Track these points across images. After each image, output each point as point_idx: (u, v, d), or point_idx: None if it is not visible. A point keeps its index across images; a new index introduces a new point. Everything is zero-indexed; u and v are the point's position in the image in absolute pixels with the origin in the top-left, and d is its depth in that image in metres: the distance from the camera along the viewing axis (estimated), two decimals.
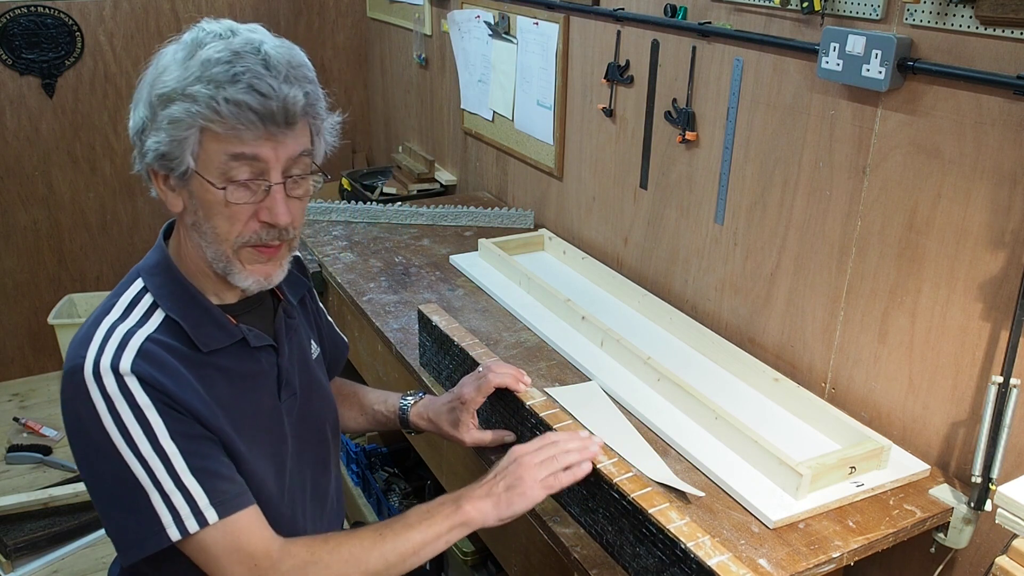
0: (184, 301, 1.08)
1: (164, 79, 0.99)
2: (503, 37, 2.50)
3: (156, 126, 1.00)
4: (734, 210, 1.76)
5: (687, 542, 1.05)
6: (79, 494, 2.59)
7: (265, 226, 1.04)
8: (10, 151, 3.22)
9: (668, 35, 1.86)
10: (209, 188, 1.01)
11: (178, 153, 0.99)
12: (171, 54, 1.02)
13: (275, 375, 1.17)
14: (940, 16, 1.28)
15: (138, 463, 0.99)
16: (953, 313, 1.35)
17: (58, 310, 3.22)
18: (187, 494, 1.00)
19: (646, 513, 1.11)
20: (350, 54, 3.75)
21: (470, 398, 1.33)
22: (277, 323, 1.19)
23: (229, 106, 0.96)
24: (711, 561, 1.02)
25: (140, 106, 1.03)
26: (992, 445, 1.23)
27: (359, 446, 2.65)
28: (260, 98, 0.97)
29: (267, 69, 0.98)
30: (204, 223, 1.04)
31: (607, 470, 1.18)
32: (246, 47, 0.99)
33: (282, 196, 1.03)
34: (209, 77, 0.97)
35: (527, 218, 2.49)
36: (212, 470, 1.03)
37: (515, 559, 1.50)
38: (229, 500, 1.03)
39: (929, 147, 1.35)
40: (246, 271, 1.07)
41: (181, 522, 1.00)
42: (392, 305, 1.96)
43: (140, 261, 1.13)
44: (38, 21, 3.12)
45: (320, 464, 1.29)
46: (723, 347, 1.68)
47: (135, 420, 0.99)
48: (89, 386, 0.99)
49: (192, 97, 0.97)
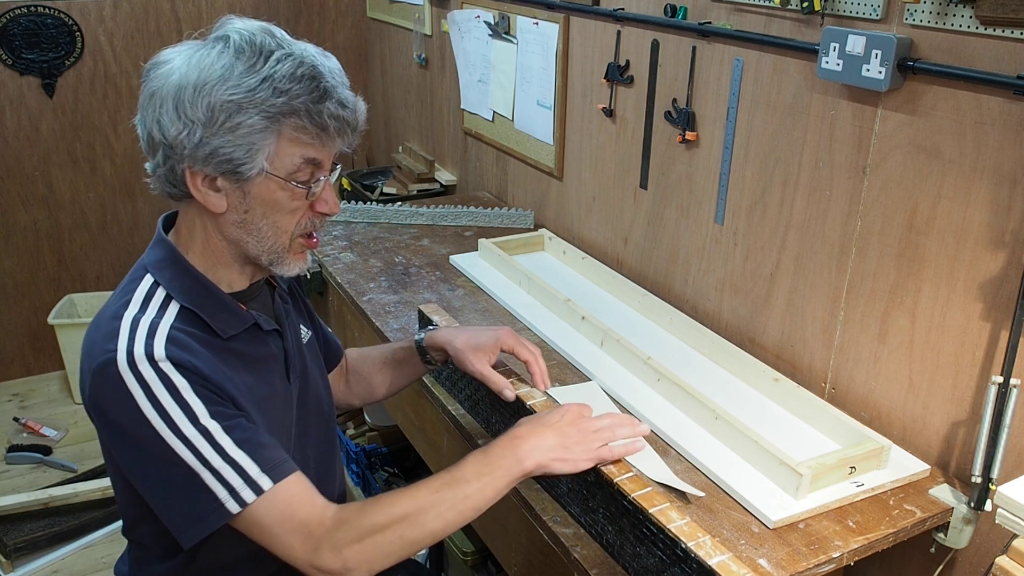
0: (197, 291, 1.10)
1: (228, 86, 1.00)
2: (503, 37, 2.50)
3: (221, 130, 1.01)
4: (734, 210, 1.76)
5: (687, 542, 1.05)
6: (79, 494, 2.59)
7: (318, 215, 1.12)
8: (10, 151, 3.22)
9: (668, 35, 1.86)
10: (281, 187, 1.06)
11: (247, 157, 1.02)
12: (219, 59, 1.01)
13: (283, 358, 1.21)
14: (940, 16, 1.28)
15: (183, 445, 1.00)
16: (953, 313, 1.35)
17: (58, 310, 3.22)
18: (237, 466, 1.01)
19: (647, 513, 1.11)
20: (350, 54, 3.75)
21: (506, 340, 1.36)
22: (277, 308, 1.23)
23: (324, 118, 1.04)
24: (712, 561, 1.02)
25: (181, 109, 1.01)
26: (992, 445, 1.23)
27: (359, 446, 2.65)
28: (346, 111, 1.07)
29: (342, 82, 1.08)
30: (261, 220, 1.08)
31: (607, 470, 1.18)
32: (316, 59, 1.06)
33: (331, 188, 1.12)
34: (295, 91, 1.02)
35: (527, 218, 2.49)
36: (256, 440, 1.04)
37: (515, 559, 1.50)
38: (278, 466, 1.04)
39: (929, 147, 1.35)
40: (294, 260, 1.13)
41: (236, 494, 1.01)
42: (392, 305, 1.96)
43: (143, 256, 1.13)
44: (38, 21, 3.12)
45: (326, 443, 1.33)
46: (723, 347, 1.68)
47: (175, 403, 1.00)
48: (125, 376, 1.00)
49: (276, 107, 1.01)
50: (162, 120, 1.02)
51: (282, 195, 1.07)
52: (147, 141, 1.06)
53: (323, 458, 1.32)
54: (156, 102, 1.03)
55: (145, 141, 1.07)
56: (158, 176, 1.07)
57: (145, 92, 1.05)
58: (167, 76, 1.03)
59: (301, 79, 1.02)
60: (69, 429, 3.15)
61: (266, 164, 1.04)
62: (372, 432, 2.66)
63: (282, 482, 1.03)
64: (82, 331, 3.47)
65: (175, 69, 1.03)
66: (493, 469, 1.08)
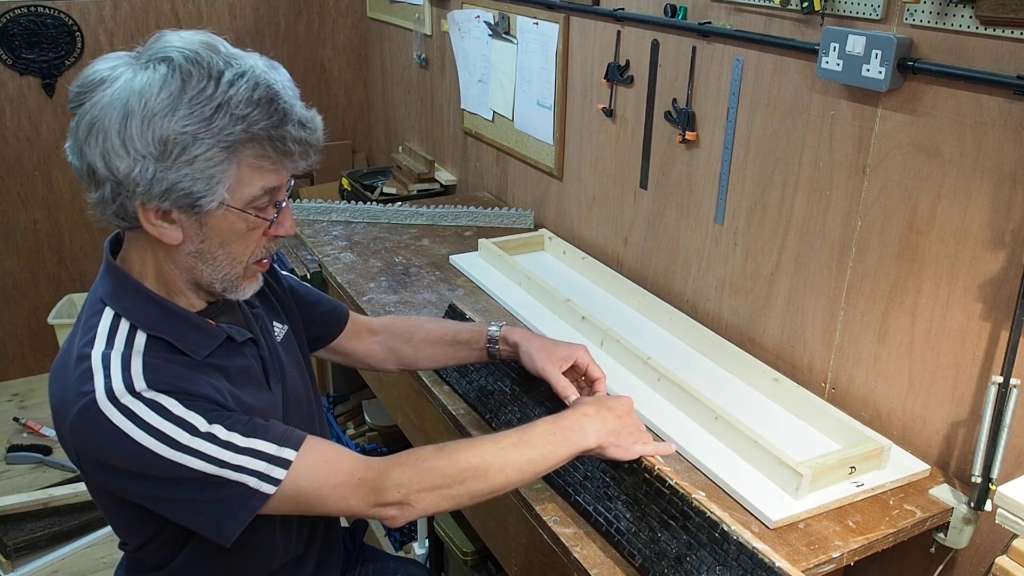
0: (161, 317, 1.05)
1: (179, 115, 0.94)
2: (503, 37, 2.50)
3: (177, 164, 0.95)
4: (734, 210, 1.76)
5: (730, 524, 1.10)
6: (79, 494, 2.59)
7: (273, 240, 1.09)
8: (10, 151, 3.22)
9: (668, 35, 1.86)
10: (240, 218, 1.02)
11: (207, 190, 0.97)
12: (165, 84, 0.94)
13: (260, 366, 1.18)
14: (940, 16, 1.28)
15: (192, 457, 0.98)
16: (953, 313, 1.35)
17: (58, 310, 3.22)
18: (255, 452, 1.00)
19: (687, 498, 1.15)
20: (350, 54, 3.75)
21: (582, 359, 1.37)
22: (246, 316, 1.19)
23: (287, 144, 0.99)
24: (755, 544, 1.07)
25: (129, 143, 0.94)
26: (992, 445, 1.23)
27: (359, 446, 2.65)
28: (307, 131, 1.01)
29: (296, 97, 1.02)
30: (217, 250, 1.04)
31: (648, 459, 1.24)
32: (268, 75, 0.99)
33: (288, 209, 1.09)
34: (255, 117, 0.96)
35: (527, 218, 2.49)
36: (259, 424, 1.03)
37: (515, 559, 1.50)
38: (292, 435, 1.04)
39: (929, 147, 1.35)
40: (247, 284, 1.11)
41: (266, 476, 1.00)
42: (392, 305, 1.96)
43: (96, 287, 1.08)
44: (38, 21, 3.12)
45: None
46: (723, 347, 1.68)
47: (170, 423, 0.98)
48: (109, 414, 0.96)
49: (234, 135, 0.96)
50: (107, 155, 0.95)
51: (240, 225, 1.03)
52: (88, 175, 0.99)
53: None
54: (97, 135, 0.95)
55: (85, 174, 0.99)
56: (103, 209, 1.01)
57: (82, 121, 0.96)
58: (109, 105, 0.94)
59: (259, 103, 0.96)
60: None
61: (226, 196, 0.99)
62: (372, 432, 2.66)
63: (303, 447, 1.03)
64: None
65: (115, 96, 0.94)
66: (560, 439, 1.12)
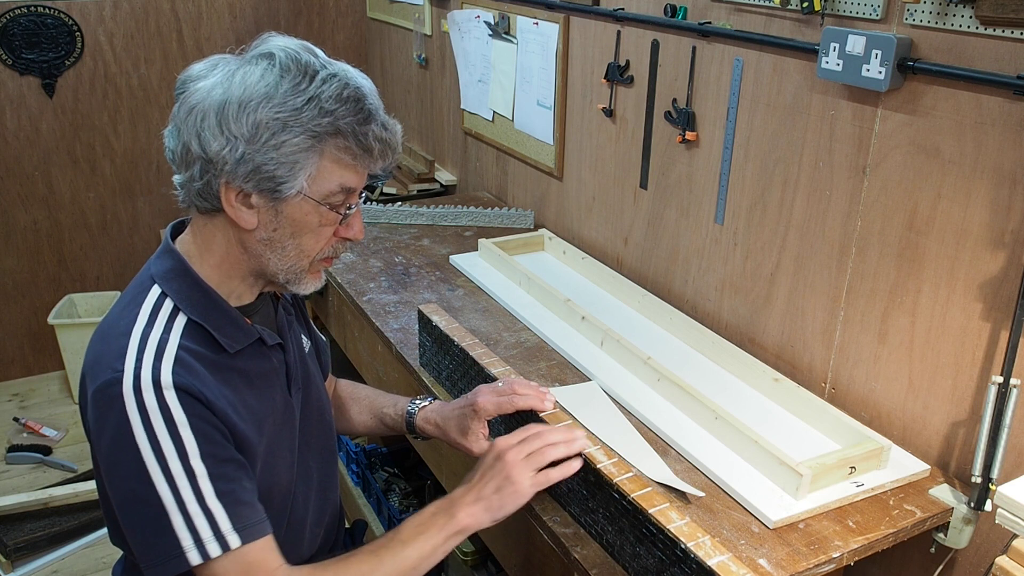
0: (205, 304, 1.09)
1: (273, 104, 1.00)
2: (503, 37, 2.50)
3: (265, 147, 1.01)
4: (734, 210, 1.76)
5: (687, 542, 1.05)
6: (79, 494, 2.60)
7: (343, 241, 1.14)
8: (10, 151, 3.22)
9: (668, 35, 1.86)
10: (315, 209, 1.06)
11: (289, 176, 1.02)
12: (264, 76, 1.02)
13: (284, 372, 1.20)
14: (940, 16, 1.28)
15: (165, 482, 1.00)
16: (953, 313, 1.35)
17: (58, 310, 3.22)
18: (211, 517, 1.01)
19: (646, 513, 1.11)
20: (350, 54, 3.75)
21: (484, 408, 1.31)
22: (279, 321, 1.23)
23: (369, 140, 1.05)
24: (711, 561, 1.02)
25: (225, 124, 1.01)
26: (992, 445, 1.23)
27: (359, 446, 2.65)
28: (388, 133, 1.08)
29: (381, 106, 1.09)
30: (288, 240, 1.08)
31: (607, 470, 1.18)
32: (358, 80, 1.07)
33: (359, 215, 1.14)
34: (341, 112, 1.03)
35: (527, 218, 2.49)
36: (237, 495, 1.04)
37: (515, 559, 1.50)
38: (250, 527, 1.04)
39: (929, 147, 1.35)
40: (311, 279, 1.14)
41: (203, 545, 1.01)
42: (392, 305, 1.96)
43: (149, 266, 1.12)
44: (38, 21, 3.12)
45: (327, 451, 1.33)
46: (723, 347, 1.68)
47: (168, 437, 1.00)
48: (126, 400, 0.99)
49: (321, 127, 1.02)
50: (203, 134, 1.02)
51: (314, 218, 1.07)
52: (182, 154, 1.05)
53: (324, 465, 1.32)
54: (196, 116, 1.02)
55: (179, 154, 1.05)
56: (189, 189, 1.06)
57: (183, 106, 1.04)
58: (208, 91, 1.02)
59: (347, 100, 1.03)
60: (69, 429, 3.15)
61: (305, 185, 1.04)
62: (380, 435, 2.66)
63: (251, 544, 1.04)
64: (82, 331, 3.47)
65: (217, 84, 1.03)
66: (427, 528, 1.13)
